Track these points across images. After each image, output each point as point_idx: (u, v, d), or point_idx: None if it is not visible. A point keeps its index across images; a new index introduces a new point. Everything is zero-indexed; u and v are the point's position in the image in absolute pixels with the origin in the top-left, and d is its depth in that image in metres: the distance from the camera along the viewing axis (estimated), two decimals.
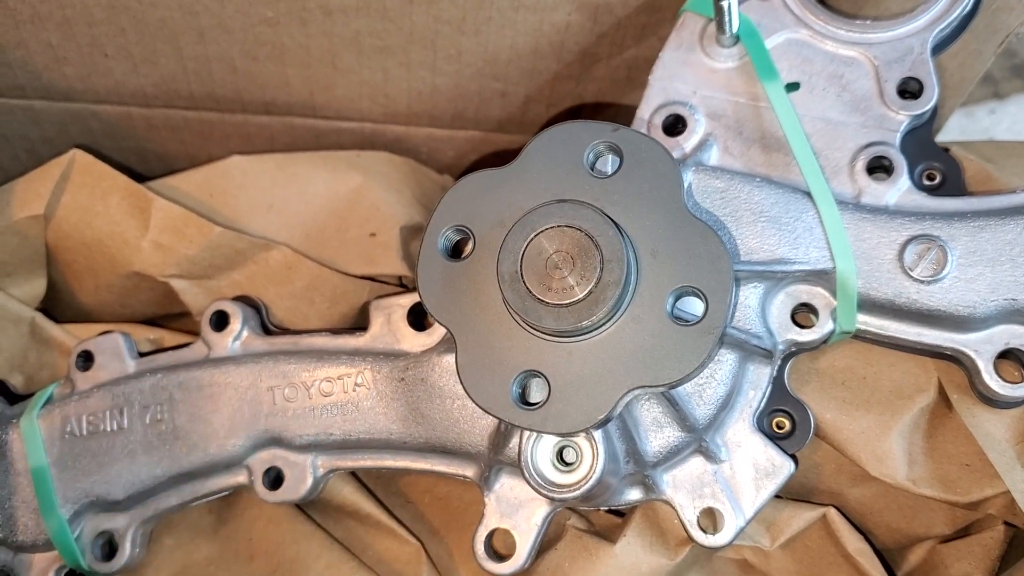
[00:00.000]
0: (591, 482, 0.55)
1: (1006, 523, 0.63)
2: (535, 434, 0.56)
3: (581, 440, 0.56)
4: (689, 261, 0.51)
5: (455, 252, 0.55)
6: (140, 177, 0.81)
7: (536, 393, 0.52)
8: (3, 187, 0.76)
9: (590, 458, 0.55)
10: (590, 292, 0.50)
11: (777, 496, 0.67)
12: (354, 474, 0.71)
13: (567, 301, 0.50)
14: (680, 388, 0.58)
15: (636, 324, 0.51)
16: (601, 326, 0.51)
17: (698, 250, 0.51)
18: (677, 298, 0.52)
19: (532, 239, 0.51)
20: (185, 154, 0.88)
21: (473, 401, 0.52)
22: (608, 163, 0.54)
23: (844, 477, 0.66)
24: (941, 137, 0.95)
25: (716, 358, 0.59)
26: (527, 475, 0.56)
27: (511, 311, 0.52)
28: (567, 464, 0.56)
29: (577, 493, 0.55)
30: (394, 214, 0.78)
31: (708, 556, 0.67)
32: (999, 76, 1.64)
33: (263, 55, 0.78)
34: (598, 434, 0.55)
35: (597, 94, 0.82)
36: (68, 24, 0.75)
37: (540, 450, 0.56)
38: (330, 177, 0.80)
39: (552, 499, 0.56)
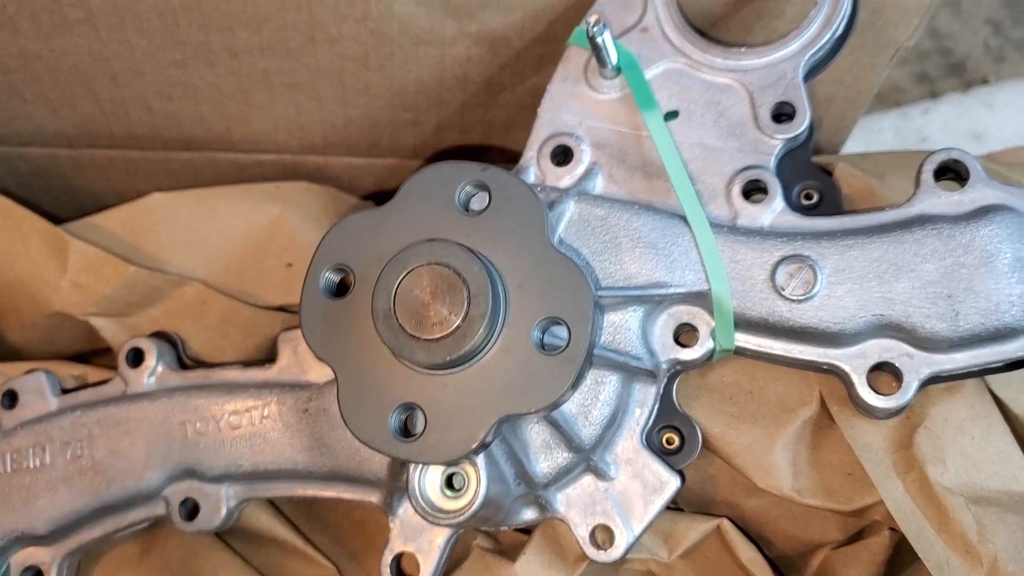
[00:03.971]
0: (475, 507, 0.57)
1: (891, 529, 0.65)
2: (421, 464, 0.59)
3: (467, 467, 0.58)
4: (554, 293, 0.54)
5: (338, 290, 0.57)
6: (70, 216, 0.84)
7: (419, 424, 0.55)
8: None
9: (475, 483, 0.58)
10: (458, 326, 0.53)
11: (677, 508, 0.70)
12: (272, 502, 0.74)
13: (437, 336, 0.53)
14: (563, 411, 0.60)
15: (506, 354, 0.54)
16: (472, 358, 0.54)
17: (562, 282, 0.54)
18: (544, 328, 0.54)
19: (404, 277, 0.54)
20: (112, 191, 0.90)
21: (353, 434, 0.54)
22: (480, 200, 0.56)
23: (739, 488, 0.68)
24: (847, 147, 0.98)
25: (599, 380, 0.61)
26: (413, 503, 0.58)
27: (387, 347, 0.54)
28: (455, 490, 0.59)
29: (463, 518, 0.57)
30: (311, 243, 0.79)
31: (614, 570, 0.70)
32: (935, 75, 1.67)
33: (176, 95, 0.80)
34: (481, 460, 0.57)
35: (505, 120, 0.84)
36: None
37: (428, 478, 0.59)
38: (248, 209, 0.82)
39: (440, 525, 0.59)
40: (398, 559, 0.65)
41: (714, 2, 0.73)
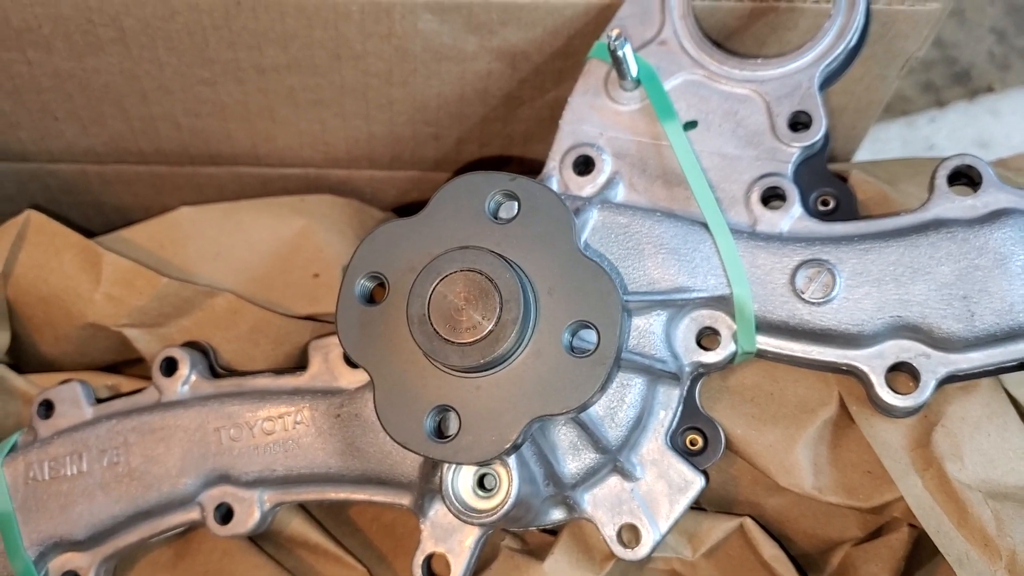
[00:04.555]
0: (507, 506, 0.59)
1: (910, 525, 0.67)
2: (455, 464, 0.60)
3: (498, 467, 0.60)
4: (583, 297, 0.56)
5: (372, 297, 0.59)
6: (98, 230, 0.86)
7: (453, 426, 0.57)
8: None
9: (506, 484, 0.59)
10: (491, 331, 0.54)
11: (699, 508, 0.72)
12: (303, 506, 0.75)
13: (471, 340, 0.55)
14: (590, 413, 0.62)
15: (537, 358, 0.55)
16: (504, 361, 0.55)
17: (590, 287, 0.56)
18: (573, 332, 0.56)
19: (437, 284, 0.56)
20: (140, 205, 0.92)
21: (389, 436, 0.56)
22: (508, 209, 0.58)
23: (760, 488, 0.70)
24: (859, 156, 1.00)
25: (625, 383, 0.63)
26: (448, 503, 0.60)
27: (422, 351, 0.56)
28: (487, 490, 0.60)
29: (495, 517, 0.59)
30: (336, 254, 0.83)
31: (640, 569, 0.71)
32: (940, 84, 1.69)
33: (204, 112, 0.82)
34: (512, 461, 0.59)
35: (524, 133, 0.86)
36: (18, 93, 0.79)
37: (461, 479, 0.61)
38: (274, 222, 0.84)
39: (472, 524, 0.60)
40: (429, 559, 0.66)
41: (729, 15, 0.75)
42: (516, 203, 0.58)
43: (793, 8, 0.75)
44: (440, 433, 0.56)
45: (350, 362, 0.70)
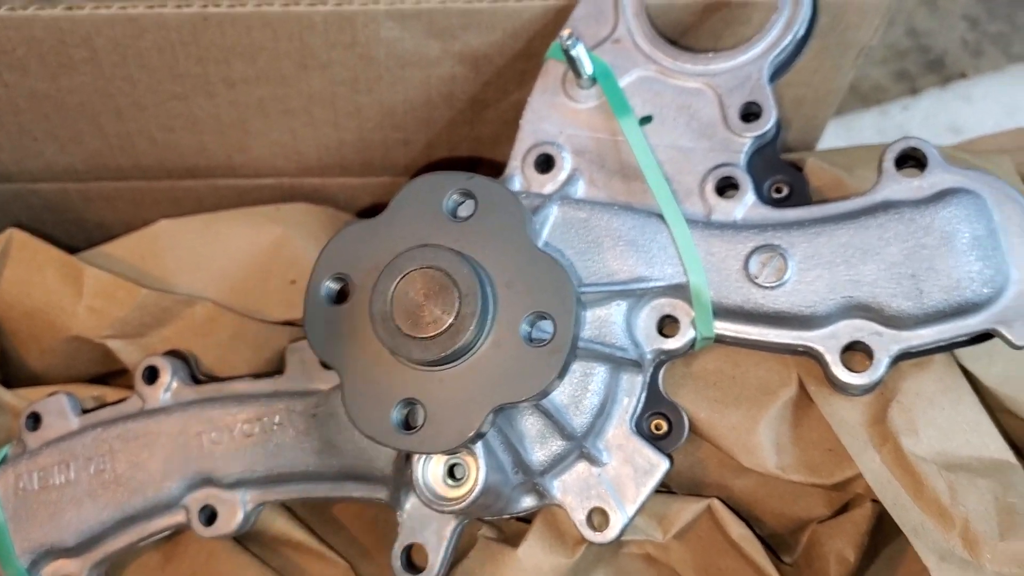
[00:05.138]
0: (476, 493, 0.61)
1: (873, 500, 0.69)
2: (425, 455, 0.62)
3: (467, 457, 0.62)
4: (539, 289, 0.58)
5: (338, 297, 0.61)
6: (81, 247, 0.88)
7: (419, 418, 0.59)
8: None
9: (475, 472, 0.61)
10: (451, 324, 0.57)
11: (669, 491, 0.74)
12: (287, 505, 0.77)
13: (432, 334, 0.57)
14: (554, 401, 0.64)
15: (497, 349, 0.58)
16: (466, 353, 0.58)
17: (546, 279, 0.58)
18: (531, 323, 0.58)
19: (399, 281, 0.58)
20: (121, 221, 0.94)
21: (358, 430, 0.58)
22: (467, 208, 0.60)
23: (727, 470, 0.72)
24: (823, 144, 1.02)
25: (588, 372, 0.65)
26: (418, 492, 0.62)
27: (386, 347, 0.58)
28: (457, 479, 0.62)
29: (464, 505, 0.61)
30: (312, 261, 0.84)
31: (614, 553, 0.73)
32: (914, 72, 1.71)
33: (178, 126, 0.84)
34: (480, 450, 0.61)
35: (492, 135, 0.88)
36: None
37: (431, 469, 0.63)
38: (251, 232, 0.86)
39: (443, 512, 0.62)
40: (407, 550, 0.68)
41: (684, 12, 0.77)
42: (473, 201, 0.60)
43: (746, 3, 0.77)
44: (407, 425, 0.58)
45: (325, 363, 0.72)
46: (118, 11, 0.73)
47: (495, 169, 0.88)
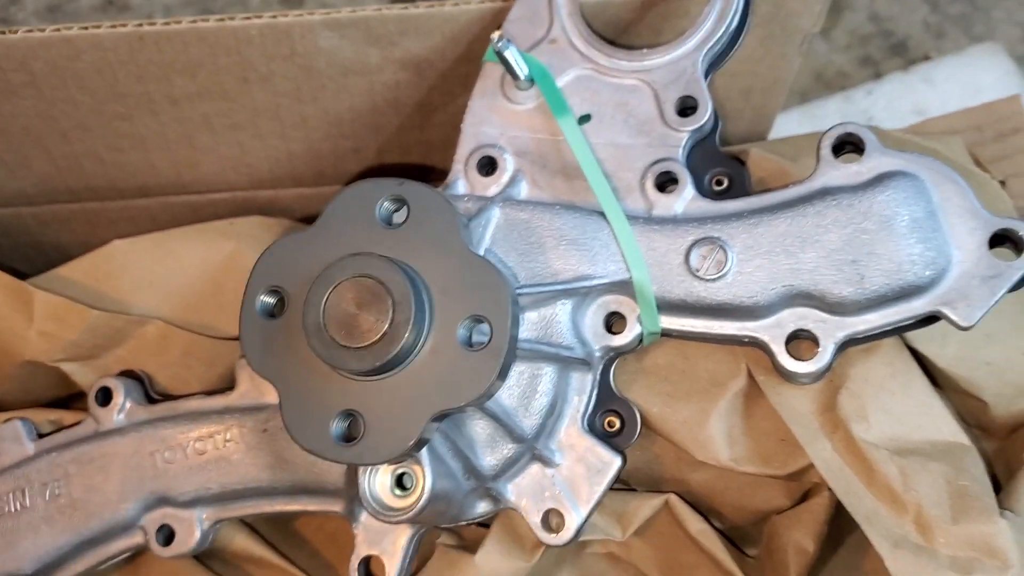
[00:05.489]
0: (423, 502, 0.60)
1: (830, 489, 0.68)
2: (368, 466, 0.62)
3: (413, 465, 0.62)
4: (475, 293, 0.57)
5: (274, 310, 0.61)
6: (39, 269, 0.87)
7: (359, 429, 0.58)
8: None
9: (421, 480, 0.61)
10: (385, 333, 0.56)
11: (627, 488, 0.73)
12: (247, 522, 0.77)
13: (366, 343, 0.56)
14: (501, 404, 0.63)
15: (435, 355, 0.57)
16: (403, 361, 0.57)
17: (481, 282, 0.58)
18: (469, 328, 0.58)
19: (331, 292, 0.57)
20: (77, 242, 0.93)
21: (298, 444, 0.58)
22: (400, 214, 0.60)
23: (684, 464, 0.71)
24: (776, 132, 1.02)
25: (535, 373, 0.65)
26: (365, 503, 0.61)
27: (321, 359, 0.58)
28: (405, 489, 0.62)
29: (411, 514, 0.61)
30: None
31: (576, 554, 0.73)
32: (878, 57, 1.71)
33: (126, 146, 0.84)
34: (425, 457, 0.61)
35: (442, 139, 0.87)
36: None
37: (378, 480, 0.62)
38: (204, 248, 0.86)
39: (393, 523, 0.62)
40: (366, 562, 0.68)
41: (623, 8, 0.77)
42: (407, 208, 0.60)
43: None
44: (348, 437, 0.58)
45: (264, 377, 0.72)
46: (52, 33, 0.73)
47: (446, 174, 0.88)
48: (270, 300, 0.61)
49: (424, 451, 0.61)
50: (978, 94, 1.52)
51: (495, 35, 0.67)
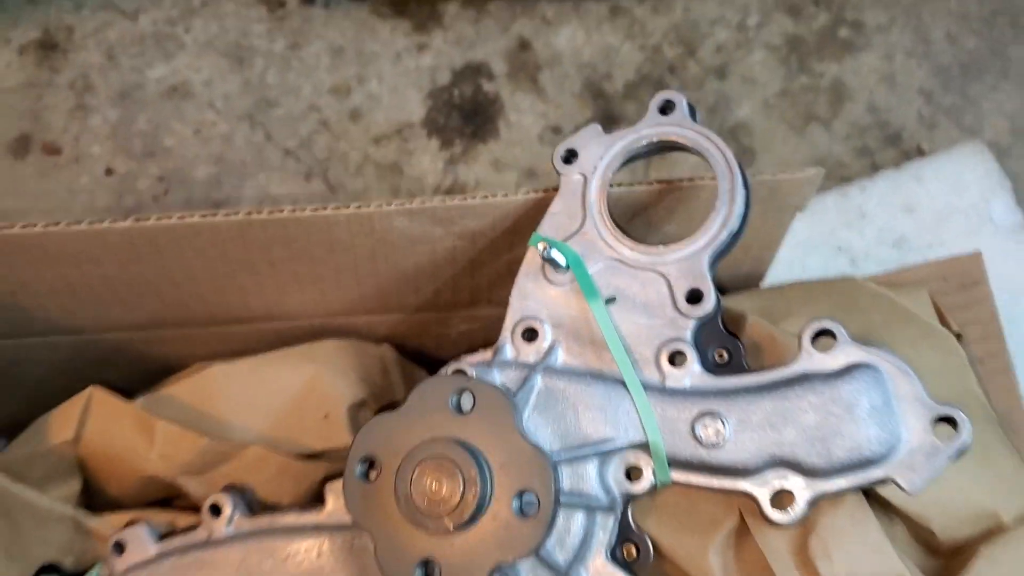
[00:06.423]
0: None
1: None
2: None
3: None
4: (526, 471, 0.74)
5: (368, 474, 0.78)
6: (144, 379, 1.05)
7: (436, 572, 0.75)
8: (38, 420, 1.00)
9: None
10: (458, 503, 0.73)
11: None
12: None
13: (443, 512, 0.73)
14: (545, 545, 0.80)
15: (494, 520, 0.74)
16: (470, 524, 0.74)
17: (531, 463, 0.74)
18: (520, 497, 0.75)
19: (416, 468, 0.74)
20: (176, 356, 1.11)
21: None
22: (467, 401, 0.77)
23: None
24: (797, 226, 1.16)
25: (569, 516, 0.81)
26: None
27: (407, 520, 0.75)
28: None
29: None
30: (341, 395, 1.02)
31: None
32: (874, 147, 1.85)
33: (227, 291, 1.01)
34: None
35: (488, 283, 1.04)
36: (74, 291, 0.98)
37: None
38: (290, 372, 1.03)
39: None
40: None
41: (644, 194, 0.93)
42: (472, 397, 0.77)
43: (694, 185, 0.93)
44: None
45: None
46: (177, 221, 0.90)
47: (492, 305, 1.05)
48: (365, 467, 0.78)
49: None
50: (963, 192, 1.67)
51: (540, 246, 0.84)
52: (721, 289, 0.97)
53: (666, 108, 0.90)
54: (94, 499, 1.04)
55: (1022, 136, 1.80)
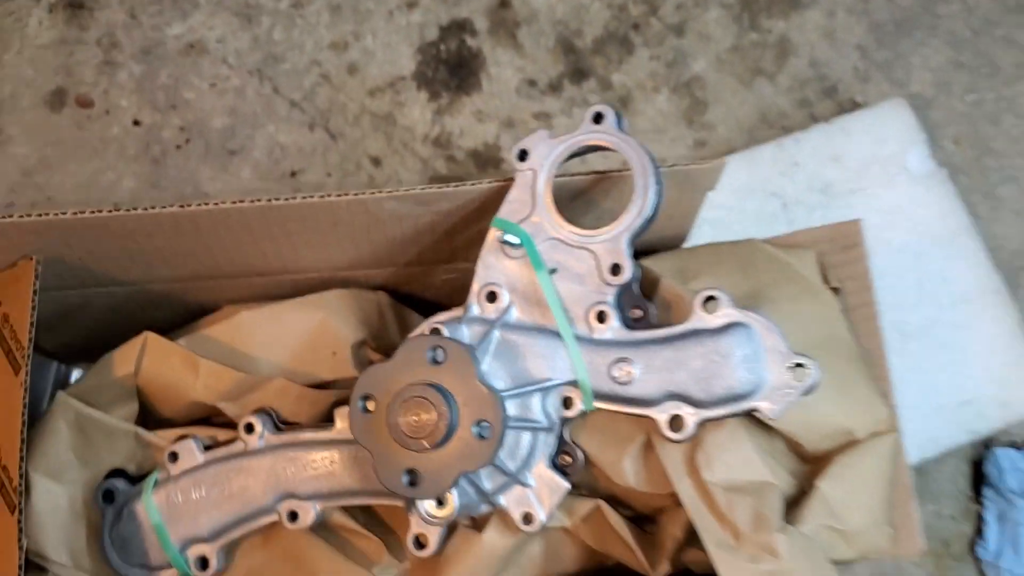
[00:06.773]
0: (452, 514, 1.06)
1: None
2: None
3: (447, 493, 1.07)
4: (483, 406, 1.01)
5: (366, 409, 1.05)
6: (182, 318, 1.31)
7: (417, 478, 1.03)
8: (104, 357, 1.26)
9: (452, 501, 1.06)
10: (433, 429, 1.00)
11: (578, 494, 1.18)
12: (343, 508, 1.23)
13: (422, 435, 1.01)
14: (497, 457, 1.08)
15: (459, 441, 1.02)
16: (442, 443, 1.02)
17: (486, 400, 1.01)
18: (479, 425, 1.02)
19: (402, 404, 1.01)
20: (211, 301, 1.37)
21: (383, 486, 1.03)
22: (441, 355, 1.03)
23: (610, 483, 1.16)
24: (737, 176, 1.40)
25: (518, 434, 1.09)
26: (420, 514, 1.07)
27: (396, 442, 1.02)
28: (442, 505, 1.07)
29: (446, 519, 1.06)
30: (346, 336, 1.28)
31: (544, 532, 1.19)
32: (813, 99, 2.06)
33: (251, 254, 1.26)
34: (454, 489, 1.06)
35: (463, 246, 1.29)
36: (131, 257, 1.24)
37: (426, 501, 1.07)
38: (304, 316, 1.29)
39: (434, 525, 1.07)
40: (416, 537, 1.14)
41: (582, 182, 1.18)
42: (444, 352, 1.03)
43: (622, 176, 1.17)
44: (411, 483, 1.03)
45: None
46: (213, 207, 1.14)
47: (466, 263, 1.30)
48: (365, 403, 1.04)
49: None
50: (884, 143, 1.90)
51: (499, 233, 1.09)
52: (651, 250, 1.23)
53: (598, 118, 1.13)
54: (149, 419, 1.31)
55: (945, 88, 2.01)
